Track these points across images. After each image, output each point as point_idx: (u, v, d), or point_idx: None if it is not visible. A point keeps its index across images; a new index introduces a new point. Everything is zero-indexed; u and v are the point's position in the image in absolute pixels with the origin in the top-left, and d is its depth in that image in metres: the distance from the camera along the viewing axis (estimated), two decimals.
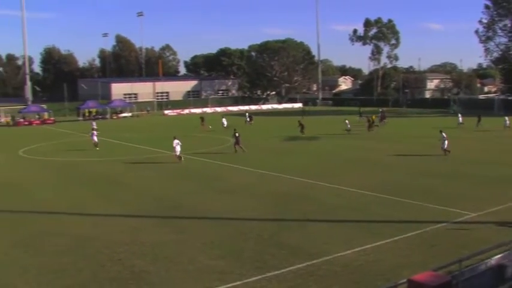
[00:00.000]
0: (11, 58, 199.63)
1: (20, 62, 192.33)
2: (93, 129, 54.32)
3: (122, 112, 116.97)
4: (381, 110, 76.99)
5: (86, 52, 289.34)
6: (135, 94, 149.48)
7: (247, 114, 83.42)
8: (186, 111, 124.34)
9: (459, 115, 68.58)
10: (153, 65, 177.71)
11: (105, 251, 19.07)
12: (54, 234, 21.58)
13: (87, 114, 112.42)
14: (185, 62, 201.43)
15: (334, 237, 19.80)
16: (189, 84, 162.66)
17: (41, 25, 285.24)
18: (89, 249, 19.34)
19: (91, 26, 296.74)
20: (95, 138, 52.13)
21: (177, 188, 30.77)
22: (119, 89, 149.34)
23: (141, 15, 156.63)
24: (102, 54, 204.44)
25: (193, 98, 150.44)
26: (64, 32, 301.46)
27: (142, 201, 27.45)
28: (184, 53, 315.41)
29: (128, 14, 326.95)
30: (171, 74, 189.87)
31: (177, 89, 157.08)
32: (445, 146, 40.17)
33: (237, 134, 46.09)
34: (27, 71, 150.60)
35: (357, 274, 16.14)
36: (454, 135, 46.52)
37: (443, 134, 40.80)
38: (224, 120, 70.32)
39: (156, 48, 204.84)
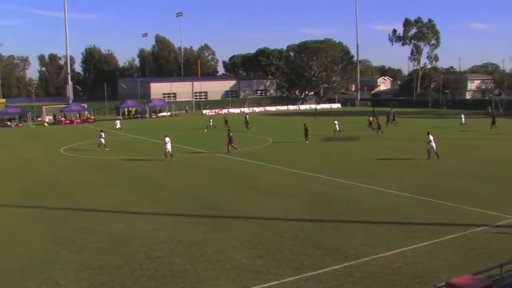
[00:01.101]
0: (53, 58, 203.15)
1: (62, 62, 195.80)
2: (101, 131, 54.44)
3: (160, 111, 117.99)
4: (392, 110, 76.55)
5: (125, 52, 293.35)
6: (174, 94, 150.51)
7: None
8: (224, 111, 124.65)
9: (462, 116, 68.93)
10: (192, 65, 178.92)
11: (143, 249, 19.25)
12: (93, 232, 21.89)
13: (126, 113, 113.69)
14: (224, 62, 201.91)
15: (372, 239, 19.64)
16: (228, 84, 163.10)
17: (82, 26, 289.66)
18: (127, 247, 19.55)
19: (131, 27, 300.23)
20: (102, 140, 52.01)
21: (214, 187, 30.90)
22: (158, 89, 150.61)
23: (180, 15, 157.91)
24: (142, 54, 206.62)
25: (231, 97, 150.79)
26: (105, 33, 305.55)
27: (180, 200, 27.64)
28: (223, 53, 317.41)
29: (168, 14, 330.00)
30: (210, 74, 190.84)
31: (216, 88, 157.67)
32: (434, 149, 39.07)
33: (231, 134, 47.01)
34: (69, 70, 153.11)
35: (395, 276, 15.97)
36: (469, 137, 45.79)
37: (430, 136, 39.64)
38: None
39: (195, 48, 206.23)
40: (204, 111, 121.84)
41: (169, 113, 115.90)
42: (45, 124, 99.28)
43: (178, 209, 25.50)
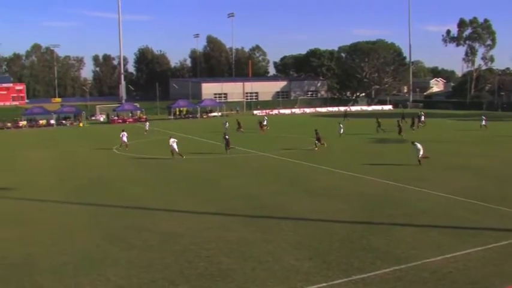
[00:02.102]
0: (107, 58, 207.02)
1: (115, 62, 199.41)
2: (123, 130, 55.35)
3: (211, 111, 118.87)
4: (420, 113, 75.36)
5: (177, 52, 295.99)
6: (224, 94, 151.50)
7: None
8: (275, 111, 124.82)
9: (483, 117, 68.40)
10: (243, 66, 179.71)
11: (192, 247, 19.42)
12: (144, 230, 22.21)
13: (177, 113, 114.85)
14: (274, 63, 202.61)
15: (423, 243, 19.35)
16: (278, 85, 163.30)
17: (135, 27, 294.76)
18: (176, 245, 19.75)
19: (183, 27, 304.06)
20: (125, 139, 53.38)
21: (264, 188, 30.94)
22: (209, 89, 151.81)
23: (232, 16, 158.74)
24: (194, 55, 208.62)
25: (282, 98, 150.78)
26: (157, 33, 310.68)
27: (230, 200, 27.77)
28: (274, 54, 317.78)
29: (219, 15, 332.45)
30: (261, 75, 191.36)
31: (266, 89, 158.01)
32: (421, 154, 38.21)
33: (227, 137, 48.38)
34: (122, 70, 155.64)
35: (446, 281, 15.71)
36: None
37: (417, 144, 38.84)
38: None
39: (246, 49, 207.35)
40: (255, 112, 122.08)
41: (220, 113, 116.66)
42: (81, 125, 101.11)
43: (229, 209, 25.64)
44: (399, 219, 22.93)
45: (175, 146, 44.09)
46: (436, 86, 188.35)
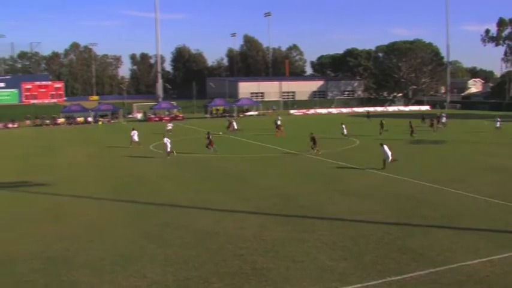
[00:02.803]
0: (144, 57, 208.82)
1: (152, 61, 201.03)
2: (133, 129, 56.11)
3: (248, 111, 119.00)
4: (441, 114, 74.17)
5: (214, 51, 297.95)
6: (261, 93, 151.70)
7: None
8: (312, 111, 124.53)
9: (497, 119, 67.87)
10: (280, 65, 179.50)
11: (228, 246, 19.52)
12: (180, 227, 22.40)
13: (214, 112, 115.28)
14: (311, 62, 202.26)
15: (459, 245, 19.10)
16: (315, 85, 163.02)
17: (173, 25, 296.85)
18: (212, 244, 19.86)
19: (220, 26, 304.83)
20: (135, 138, 54.23)
21: (300, 187, 30.92)
22: (246, 88, 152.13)
23: (268, 15, 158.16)
24: (230, 54, 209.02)
25: (319, 98, 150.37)
26: (194, 32, 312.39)
27: (265, 199, 27.81)
28: (311, 53, 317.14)
29: (256, 14, 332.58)
30: (298, 74, 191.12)
31: (303, 89, 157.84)
32: (390, 159, 37.32)
33: (210, 137, 48.93)
34: (159, 69, 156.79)
35: (482, 285, 15.50)
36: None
37: (385, 146, 38.03)
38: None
39: (283, 48, 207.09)
40: (291, 111, 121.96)
41: (256, 113, 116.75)
42: (100, 123, 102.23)
43: (265, 208, 25.68)
44: (435, 221, 22.70)
45: (169, 145, 45.55)
46: (474, 86, 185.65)
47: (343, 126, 60.82)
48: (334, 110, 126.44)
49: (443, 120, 72.71)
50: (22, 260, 18.45)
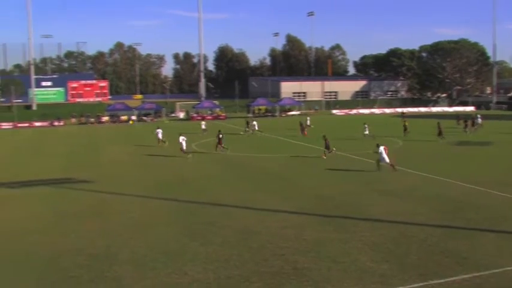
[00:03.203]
0: (187, 56, 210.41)
1: (195, 60, 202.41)
2: (158, 127, 57.02)
3: (290, 110, 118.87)
4: (476, 115, 72.60)
5: (257, 51, 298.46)
6: (303, 93, 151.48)
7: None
8: (354, 111, 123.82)
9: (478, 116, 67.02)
10: (322, 65, 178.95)
11: (269, 245, 19.53)
12: (222, 226, 22.49)
13: (256, 111, 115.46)
14: (354, 62, 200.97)
15: (504, 250, 18.70)
16: (358, 85, 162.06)
17: (216, 25, 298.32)
18: (253, 243, 19.90)
19: (263, 26, 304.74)
20: (160, 136, 55.33)
21: (340, 188, 30.75)
22: (288, 88, 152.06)
23: (311, 15, 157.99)
24: (273, 53, 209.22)
25: (361, 98, 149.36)
26: (237, 32, 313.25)
27: (306, 199, 27.74)
28: (354, 53, 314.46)
29: (299, 14, 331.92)
30: (340, 74, 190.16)
31: (346, 88, 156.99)
32: (387, 161, 36.21)
33: (220, 136, 49.72)
34: (202, 68, 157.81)
35: None
36: None
37: (381, 147, 36.78)
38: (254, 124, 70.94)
39: (326, 48, 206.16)
40: (334, 111, 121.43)
41: (299, 112, 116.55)
42: (131, 122, 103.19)
43: (306, 208, 25.61)
44: (479, 224, 22.28)
45: (184, 144, 45.99)
46: None
47: (366, 126, 59.85)
48: (376, 111, 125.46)
49: (479, 121, 71.24)
50: (67, 256, 18.81)
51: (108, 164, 42.60)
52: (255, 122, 71.43)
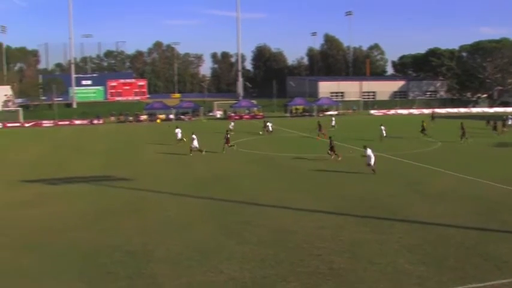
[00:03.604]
0: (225, 56, 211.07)
1: (233, 60, 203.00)
2: (177, 127, 57.50)
3: (327, 110, 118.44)
4: (508, 116, 70.99)
5: (294, 50, 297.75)
6: (341, 93, 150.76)
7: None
8: (392, 111, 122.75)
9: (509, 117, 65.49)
10: (361, 64, 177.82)
11: (305, 245, 19.48)
12: (258, 225, 22.53)
13: (294, 111, 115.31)
14: (393, 62, 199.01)
15: None
16: (396, 85, 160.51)
17: (254, 24, 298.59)
18: (289, 243, 19.88)
19: (300, 26, 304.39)
20: (179, 135, 55.90)
21: (379, 188, 30.46)
22: (326, 87, 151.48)
23: (350, 14, 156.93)
24: (311, 53, 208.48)
25: (399, 98, 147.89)
26: (275, 31, 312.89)
27: (343, 199, 27.60)
28: (393, 53, 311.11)
29: (337, 13, 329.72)
30: (378, 74, 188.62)
31: (384, 88, 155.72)
32: (371, 162, 35.70)
33: (228, 136, 50.78)
34: (240, 68, 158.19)
35: None
36: None
37: (368, 150, 36.23)
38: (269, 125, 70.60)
39: (364, 48, 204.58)
40: (372, 111, 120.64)
41: (336, 112, 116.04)
42: (158, 121, 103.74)
43: (342, 208, 25.48)
44: None
45: (195, 142, 46.86)
46: None
47: (383, 127, 58.47)
48: (415, 111, 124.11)
49: (510, 122, 69.81)
50: (105, 252, 19.08)
51: (146, 162, 43.01)
52: (269, 123, 71.17)
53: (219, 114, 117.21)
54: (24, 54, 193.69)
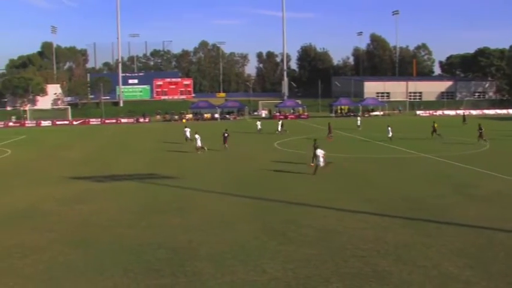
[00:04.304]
0: (270, 55, 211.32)
1: (278, 59, 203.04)
2: (185, 127, 58.47)
3: (373, 110, 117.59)
4: None
5: (340, 50, 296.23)
6: (387, 93, 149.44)
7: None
8: (439, 112, 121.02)
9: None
10: (407, 65, 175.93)
11: (349, 246, 19.30)
12: (302, 225, 22.40)
13: (339, 111, 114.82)
14: (440, 62, 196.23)
15: None
16: (444, 85, 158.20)
17: (299, 24, 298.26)
18: (333, 243, 19.73)
19: (346, 25, 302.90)
20: (188, 135, 58.16)
21: (425, 190, 29.98)
22: (371, 88, 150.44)
23: (396, 13, 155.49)
24: (356, 53, 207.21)
25: (447, 99, 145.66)
26: (320, 31, 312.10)
27: (388, 200, 27.26)
28: (440, 53, 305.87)
29: (383, 12, 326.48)
30: (425, 74, 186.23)
31: (431, 89, 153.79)
32: (320, 162, 35.26)
33: (226, 134, 52.40)
34: (285, 67, 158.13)
35: None
36: None
37: (319, 150, 35.85)
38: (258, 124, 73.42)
39: (411, 48, 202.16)
40: (418, 112, 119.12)
41: (381, 113, 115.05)
42: (184, 121, 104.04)
43: (388, 210, 25.15)
44: None
45: (199, 142, 47.93)
46: None
47: (389, 128, 57.85)
48: (463, 112, 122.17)
49: None
50: (150, 249, 19.25)
51: (190, 160, 43.33)
52: (280, 122, 71.62)
53: (264, 113, 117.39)
54: (74, 53, 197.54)
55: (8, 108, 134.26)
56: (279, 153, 47.60)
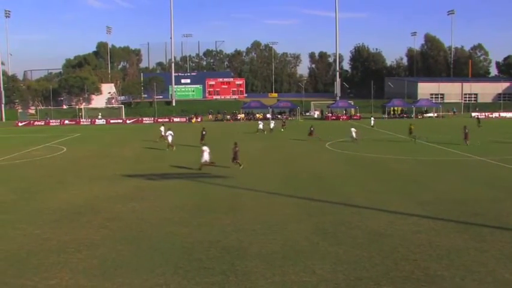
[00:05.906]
0: (323, 56, 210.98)
1: (331, 60, 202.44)
2: (169, 128, 59.38)
3: (427, 112, 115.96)
4: None
5: (393, 51, 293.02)
6: (441, 94, 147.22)
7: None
8: (495, 114, 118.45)
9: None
10: (462, 65, 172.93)
11: (400, 249, 19.05)
12: (353, 227, 22.22)
13: (391, 112, 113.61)
14: (497, 63, 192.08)
15: None
16: (501, 86, 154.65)
17: (352, 24, 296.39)
18: (384, 245, 19.50)
19: (400, 25, 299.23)
20: (163, 133, 59.20)
21: (482, 194, 29.26)
22: (425, 89, 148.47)
23: (452, 13, 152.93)
24: (410, 53, 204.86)
25: (503, 101, 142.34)
26: (374, 31, 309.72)
27: (441, 204, 26.77)
28: (497, 53, 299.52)
29: (438, 12, 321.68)
30: (481, 75, 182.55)
31: (487, 90, 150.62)
32: (204, 159, 37.30)
33: (203, 132, 54.74)
34: (338, 68, 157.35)
35: None
36: None
37: (204, 147, 37.94)
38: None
39: (467, 48, 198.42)
40: (473, 114, 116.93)
41: (435, 114, 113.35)
42: (194, 121, 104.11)
43: (441, 213, 24.69)
44: None
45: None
46: None
47: (353, 129, 57.71)
48: None
49: None
50: (201, 247, 19.39)
51: (242, 160, 43.42)
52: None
53: (316, 114, 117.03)
54: (127, 53, 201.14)
55: (64, 107, 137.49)
56: (330, 154, 47.39)
